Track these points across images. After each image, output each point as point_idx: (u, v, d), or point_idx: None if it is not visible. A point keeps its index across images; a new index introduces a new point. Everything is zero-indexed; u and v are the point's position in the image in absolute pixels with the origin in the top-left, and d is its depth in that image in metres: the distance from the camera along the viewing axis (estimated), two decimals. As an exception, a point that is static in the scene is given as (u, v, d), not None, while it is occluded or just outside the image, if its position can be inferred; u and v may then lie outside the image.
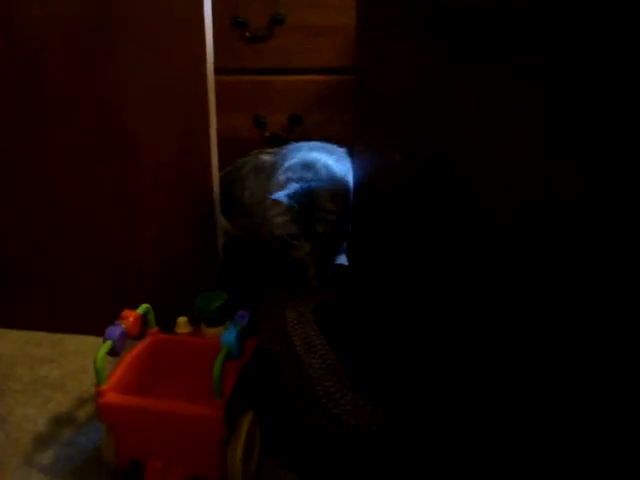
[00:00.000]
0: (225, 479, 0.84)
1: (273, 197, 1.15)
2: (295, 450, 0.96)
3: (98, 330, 1.24)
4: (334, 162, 1.28)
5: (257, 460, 0.91)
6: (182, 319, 0.99)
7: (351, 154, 1.34)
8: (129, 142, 1.13)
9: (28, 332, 1.29)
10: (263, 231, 1.27)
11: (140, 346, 0.93)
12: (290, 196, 1.15)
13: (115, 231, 1.19)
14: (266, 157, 1.43)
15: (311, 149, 1.32)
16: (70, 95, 1.12)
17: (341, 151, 1.39)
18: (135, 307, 1.08)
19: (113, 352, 0.85)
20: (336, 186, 1.20)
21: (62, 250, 1.22)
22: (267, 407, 0.98)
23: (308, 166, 1.22)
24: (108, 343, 0.84)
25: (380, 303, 1.06)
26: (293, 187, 1.17)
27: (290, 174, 1.22)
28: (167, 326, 0.99)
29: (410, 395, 0.94)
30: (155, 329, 0.97)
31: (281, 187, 1.20)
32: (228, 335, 0.83)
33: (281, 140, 1.62)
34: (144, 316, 0.94)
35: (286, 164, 1.26)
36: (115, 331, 0.85)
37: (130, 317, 0.89)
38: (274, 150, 1.45)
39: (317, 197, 1.14)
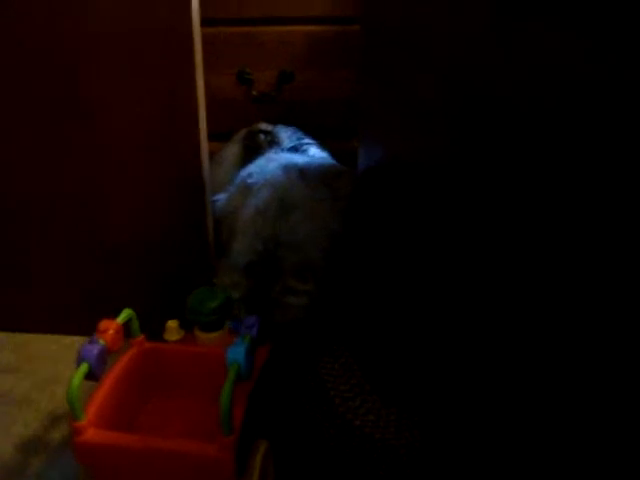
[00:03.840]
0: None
1: (226, 263, 0.91)
2: (313, 475, 0.80)
3: (69, 328, 1.07)
4: (329, 200, 0.97)
5: (272, 497, 0.74)
6: (172, 323, 0.82)
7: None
8: (89, 112, 0.94)
9: (-14, 333, 1.10)
10: None
11: (123, 361, 0.76)
12: (247, 261, 0.87)
13: (79, 216, 1.00)
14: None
15: (302, 174, 0.99)
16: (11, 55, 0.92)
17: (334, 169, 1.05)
18: (109, 303, 0.91)
19: (92, 376, 0.67)
20: (316, 251, 0.91)
21: (22, 240, 1.03)
22: (280, 428, 0.82)
23: (285, 208, 0.92)
24: (84, 366, 0.66)
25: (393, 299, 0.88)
26: (256, 246, 0.89)
27: (259, 217, 0.92)
28: (148, 329, 0.82)
29: (435, 399, 0.79)
30: (141, 338, 0.79)
31: (243, 234, 0.92)
32: (235, 351, 0.66)
33: (270, 100, 1.43)
34: (126, 324, 0.75)
35: (261, 193, 0.95)
36: (92, 350, 0.67)
37: (110, 329, 0.71)
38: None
39: (281, 270, 0.87)
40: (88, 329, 1.05)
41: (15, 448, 0.85)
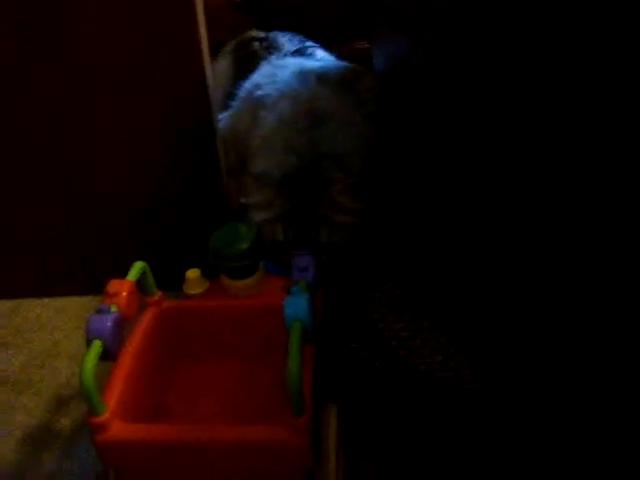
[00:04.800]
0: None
1: (253, 172, 0.75)
2: (377, 432, 0.67)
3: (63, 288, 0.91)
4: (356, 105, 0.82)
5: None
6: (193, 272, 0.66)
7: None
8: (76, 34, 0.75)
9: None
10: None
11: (141, 328, 0.60)
12: (281, 177, 0.72)
13: (63, 157, 0.82)
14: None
15: (322, 80, 0.83)
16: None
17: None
18: (106, 254, 0.82)
19: (108, 355, 0.52)
20: (359, 161, 0.76)
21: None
22: (339, 385, 0.67)
23: (318, 118, 0.76)
24: (97, 344, 0.50)
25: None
26: (289, 160, 0.73)
27: (286, 129, 0.76)
28: (164, 284, 0.65)
29: (511, 332, 0.64)
30: (158, 295, 0.63)
31: (268, 149, 0.76)
32: (295, 305, 0.50)
33: (256, 3, 1.23)
34: (138, 281, 0.59)
35: (281, 105, 0.79)
36: (104, 322, 0.51)
37: (122, 290, 0.55)
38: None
39: (327, 183, 0.72)
40: (85, 287, 0.89)
41: (19, 443, 0.70)
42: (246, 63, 1.00)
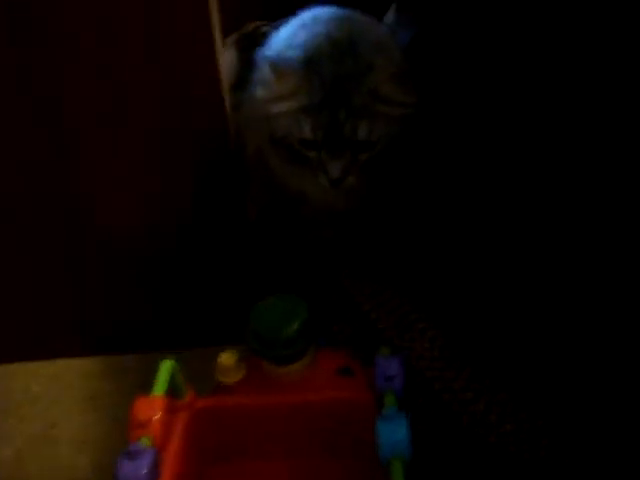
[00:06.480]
0: None
1: (270, 58, 0.64)
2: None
3: (55, 349, 0.77)
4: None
5: None
6: (228, 358, 0.54)
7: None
8: None
9: None
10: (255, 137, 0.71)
11: (174, 445, 0.47)
12: (308, 57, 0.62)
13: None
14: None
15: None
16: None
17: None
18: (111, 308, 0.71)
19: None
20: (401, 56, 0.67)
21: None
22: None
23: (340, 20, 0.66)
24: (131, 501, 0.38)
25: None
26: (315, 41, 0.63)
27: (309, 29, 0.66)
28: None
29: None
30: (190, 395, 0.51)
31: (289, 47, 0.66)
32: (392, 433, 0.40)
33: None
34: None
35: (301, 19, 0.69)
36: (139, 470, 0.39)
37: (154, 414, 0.42)
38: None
39: (366, 70, 0.62)
40: (83, 347, 0.76)
41: None
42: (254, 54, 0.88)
